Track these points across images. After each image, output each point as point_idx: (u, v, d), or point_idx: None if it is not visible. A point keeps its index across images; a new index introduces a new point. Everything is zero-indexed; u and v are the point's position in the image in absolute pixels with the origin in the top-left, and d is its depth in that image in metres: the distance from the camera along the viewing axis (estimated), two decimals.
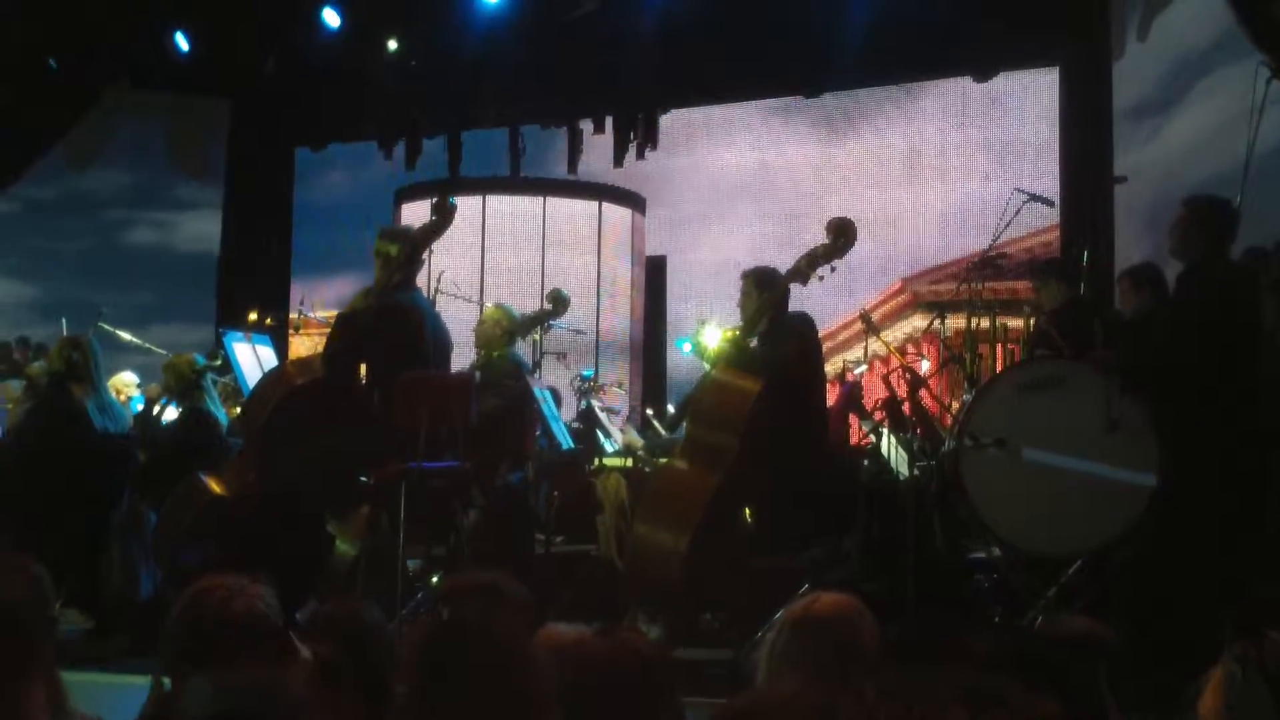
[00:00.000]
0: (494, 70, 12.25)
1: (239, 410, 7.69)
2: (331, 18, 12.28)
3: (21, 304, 14.47)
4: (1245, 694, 2.23)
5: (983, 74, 11.85)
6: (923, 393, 7.54)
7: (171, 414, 8.02)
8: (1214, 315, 5.76)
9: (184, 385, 7.80)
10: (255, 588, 3.10)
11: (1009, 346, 8.15)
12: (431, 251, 8.13)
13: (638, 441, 8.34)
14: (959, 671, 2.36)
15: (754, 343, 6.60)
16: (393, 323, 6.65)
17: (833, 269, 6.52)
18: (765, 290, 6.64)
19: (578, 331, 10.20)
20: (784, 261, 6.80)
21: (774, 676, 2.99)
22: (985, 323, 7.73)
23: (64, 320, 9.76)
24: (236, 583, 3.09)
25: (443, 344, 6.95)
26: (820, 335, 7.00)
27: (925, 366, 9.51)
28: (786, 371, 6.38)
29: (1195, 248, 5.93)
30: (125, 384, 9.26)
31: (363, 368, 6.84)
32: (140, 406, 8.96)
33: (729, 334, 6.86)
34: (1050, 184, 10.67)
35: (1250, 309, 5.80)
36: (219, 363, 8.07)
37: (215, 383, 8.18)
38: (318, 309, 11.44)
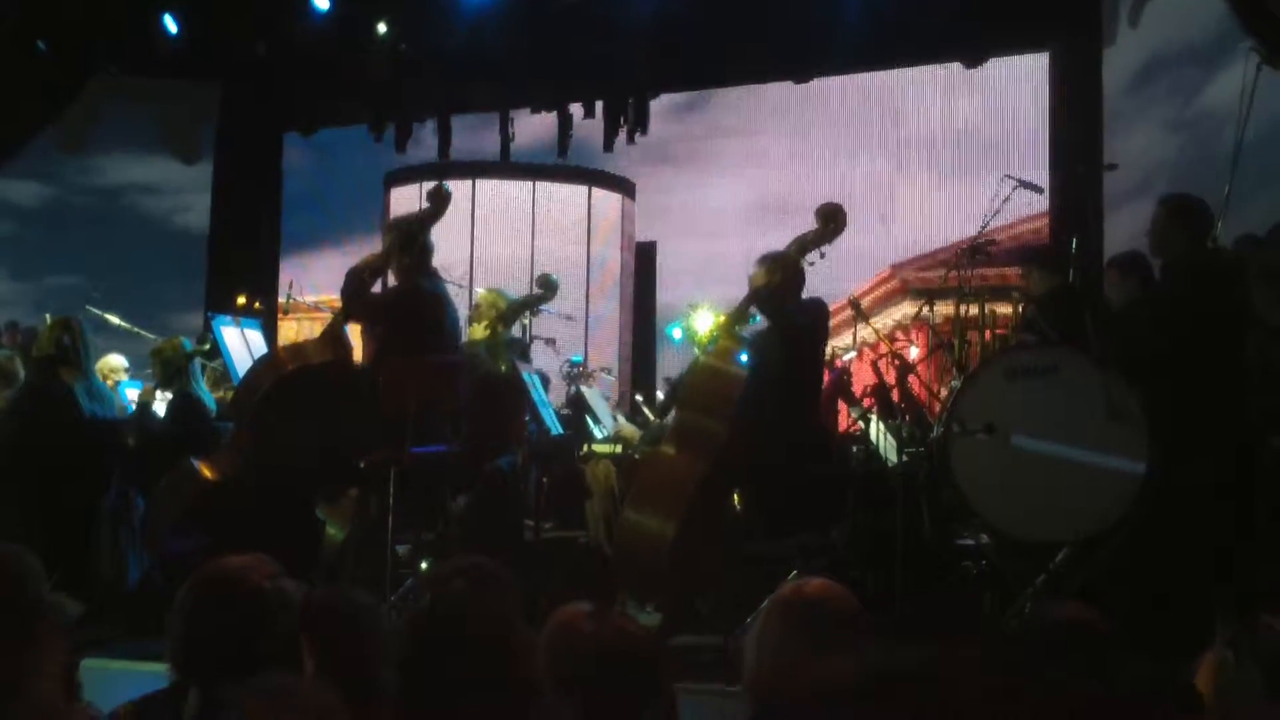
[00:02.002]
0: (484, 54, 12.22)
1: (230, 395, 7.67)
2: (321, 1, 12.24)
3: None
4: (1237, 678, 2.24)
5: (973, 60, 11.84)
6: (911, 379, 7.55)
7: (162, 401, 8.01)
8: (1197, 305, 5.79)
9: (170, 370, 7.78)
10: (269, 567, 3.13)
11: (997, 333, 8.15)
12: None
13: (634, 434, 8.33)
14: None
15: (761, 321, 6.60)
16: (416, 308, 6.68)
17: (823, 255, 6.51)
18: (780, 267, 6.60)
19: (567, 317, 10.19)
20: (774, 247, 6.79)
21: (760, 661, 3.00)
22: (974, 309, 7.72)
23: (49, 311, 9.74)
24: (253, 560, 3.12)
25: (459, 333, 6.99)
26: None
27: (914, 353, 9.52)
28: (782, 356, 6.37)
29: (1174, 245, 6.00)
30: (114, 368, 9.22)
31: (356, 338, 6.85)
32: (129, 393, 8.92)
33: (721, 319, 6.85)
34: (1040, 170, 10.67)
35: (1232, 297, 5.83)
36: (207, 347, 8.04)
37: (204, 368, 8.16)
38: (306, 293, 11.43)
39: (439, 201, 6.71)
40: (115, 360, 9.33)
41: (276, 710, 2.31)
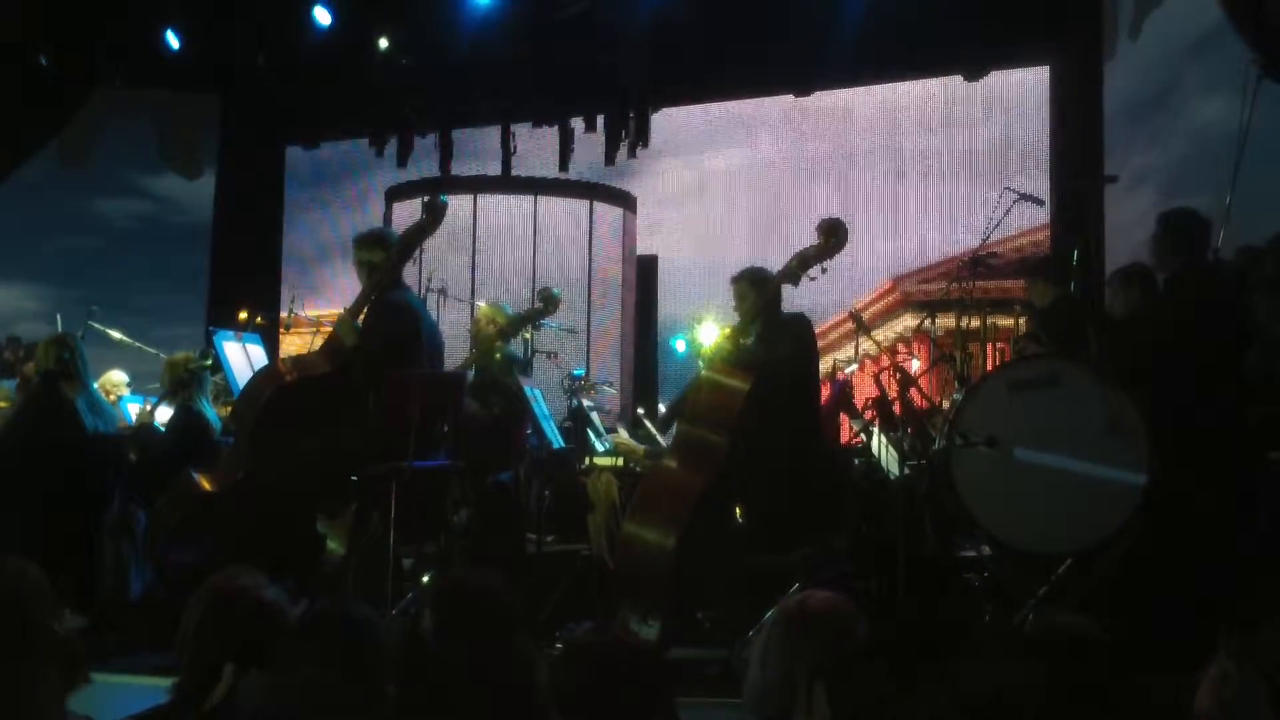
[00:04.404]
0: (485, 68, 12.24)
1: (230, 409, 7.67)
2: (323, 15, 12.26)
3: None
4: (1242, 691, 2.23)
5: (974, 73, 11.85)
6: (913, 392, 7.54)
7: (165, 412, 8.01)
8: (1195, 316, 5.81)
9: (175, 382, 7.79)
10: (268, 583, 3.14)
11: (999, 345, 8.16)
12: (422, 250, 8.12)
13: (639, 449, 8.32)
14: None
15: (750, 341, 6.60)
16: (388, 321, 6.62)
17: (824, 269, 6.52)
18: (758, 290, 6.64)
19: (568, 330, 10.19)
20: (775, 261, 6.81)
21: (764, 675, 2.99)
22: (975, 322, 7.73)
23: (59, 317, 9.75)
24: (255, 577, 3.12)
25: (438, 344, 6.92)
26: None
27: (916, 365, 9.52)
28: (780, 371, 6.37)
29: (1174, 259, 6.05)
30: (115, 383, 9.23)
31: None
32: (131, 408, 8.92)
33: (727, 332, 6.86)
34: (1041, 183, 10.68)
35: (1231, 308, 5.85)
36: (209, 362, 8.04)
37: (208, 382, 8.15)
38: (308, 308, 11.43)
39: (434, 213, 6.68)
40: (117, 375, 9.34)
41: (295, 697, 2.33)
